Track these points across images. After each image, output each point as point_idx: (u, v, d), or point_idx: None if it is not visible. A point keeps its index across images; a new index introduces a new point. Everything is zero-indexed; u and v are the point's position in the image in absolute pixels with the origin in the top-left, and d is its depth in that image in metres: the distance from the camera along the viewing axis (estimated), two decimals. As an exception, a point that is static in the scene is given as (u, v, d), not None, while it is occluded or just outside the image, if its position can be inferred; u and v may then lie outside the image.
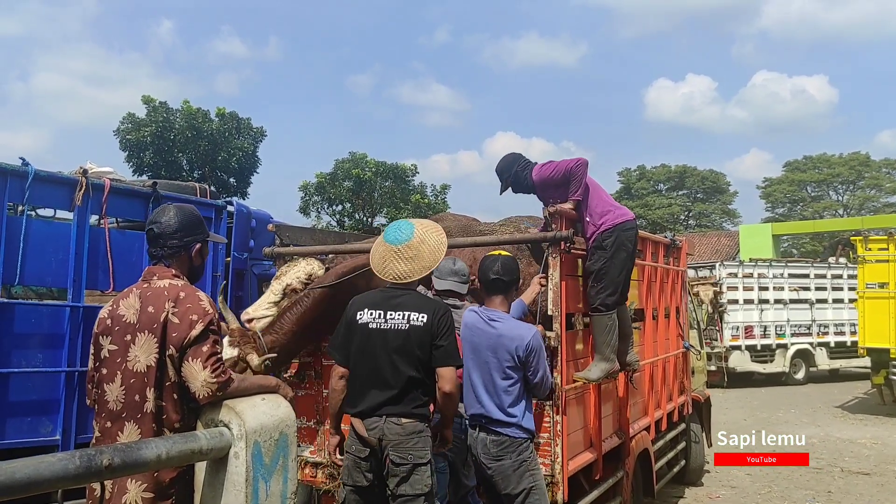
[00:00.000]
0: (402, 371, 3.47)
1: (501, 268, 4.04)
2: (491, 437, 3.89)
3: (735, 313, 18.32)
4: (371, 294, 3.74)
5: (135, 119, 28.26)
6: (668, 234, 7.66)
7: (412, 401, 3.48)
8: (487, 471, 3.91)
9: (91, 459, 2.10)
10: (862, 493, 8.27)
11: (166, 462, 2.34)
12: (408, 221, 3.78)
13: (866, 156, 52.72)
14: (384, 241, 3.66)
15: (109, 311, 2.79)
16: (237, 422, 2.54)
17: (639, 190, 54.54)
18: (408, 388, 3.47)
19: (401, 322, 3.52)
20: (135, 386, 2.63)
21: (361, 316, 3.58)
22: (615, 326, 4.83)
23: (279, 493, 2.61)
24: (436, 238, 3.73)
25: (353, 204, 32.36)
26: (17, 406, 4.80)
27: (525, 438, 3.91)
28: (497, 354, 3.89)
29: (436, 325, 3.51)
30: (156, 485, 2.56)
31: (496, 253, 4.24)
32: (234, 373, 2.70)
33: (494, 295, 4.06)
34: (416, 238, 3.62)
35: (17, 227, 4.82)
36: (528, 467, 3.90)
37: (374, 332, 3.54)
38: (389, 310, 3.55)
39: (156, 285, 2.74)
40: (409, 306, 3.54)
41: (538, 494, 3.91)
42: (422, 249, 3.61)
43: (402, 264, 3.58)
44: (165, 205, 3.01)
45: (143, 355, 2.64)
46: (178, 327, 2.63)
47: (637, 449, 5.89)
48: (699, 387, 9.12)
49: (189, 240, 2.87)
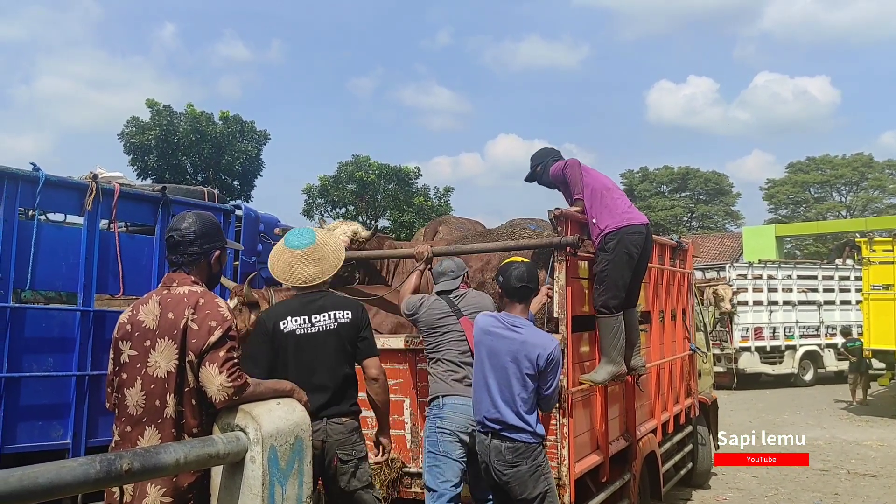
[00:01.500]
0: (337, 370, 3.61)
1: (527, 275, 4.03)
2: (506, 444, 3.88)
3: (745, 315, 18.38)
4: (287, 302, 3.84)
5: (139, 122, 28.32)
6: (675, 237, 7.68)
7: (348, 399, 3.64)
8: (503, 477, 3.89)
9: (111, 464, 2.13)
10: (869, 494, 8.28)
11: (184, 466, 2.36)
12: (307, 228, 3.93)
13: (869, 157, 52.75)
14: (287, 248, 3.74)
15: (129, 316, 2.82)
16: (253, 426, 2.57)
17: (641, 192, 54.52)
18: (344, 387, 3.61)
19: (329, 322, 3.64)
20: (155, 391, 2.66)
21: (285, 325, 3.62)
22: (621, 329, 4.85)
23: (295, 496, 2.64)
24: (335, 241, 3.95)
25: (356, 207, 32.35)
26: (28, 410, 4.81)
27: (538, 443, 3.92)
28: (517, 361, 3.87)
29: (360, 320, 3.70)
30: (174, 490, 2.59)
31: (517, 259, 4.24)
32: (249, 378, 2.72)
33: (517, 302, 4.05)
34: (319, 241, 3.77)
35: (28, 232, 4.84)
36: (542, 472, 3.92)
37: (304, 338, 3.61)
38: (313, 313, 3.65)
39: (175, 292, 2.77)
40: (332, 306, 3.68)
41: (552, 497, 3.95)
42: (326, 251, 3.76)
43: (310, 266, 3.70)
44: (184, 212, 3.03)
45: (164, 361, 2.67)
46: (198, 333, 2.66)
47: (644, 451, 5.90)
48: (706, 389, 9.13)
49: (209, 247, 2.90)
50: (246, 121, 30.41)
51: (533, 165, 5.47)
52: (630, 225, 4.91)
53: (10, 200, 4.75)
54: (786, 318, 19.05)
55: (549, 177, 5.36)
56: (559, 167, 5.24)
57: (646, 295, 6.14)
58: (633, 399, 5.69)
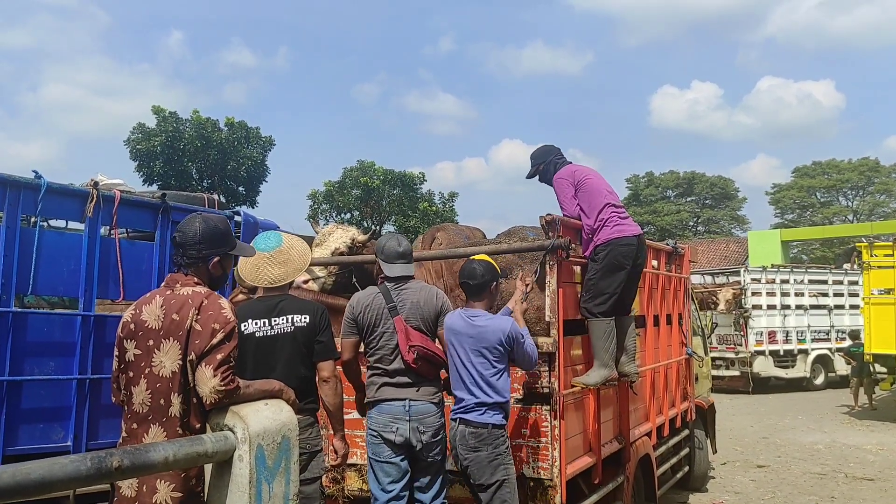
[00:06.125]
0: (293, 372, 3.73)
1: (479, 270, 4.32)
2: (470, 429, 4.11)
3: (759, 318, 18.42)
4: (250, 304, 3.99)
5: (145, 129, 28.54)
6: (670, 242, 7.74)
7: (304, 397, 3.70)
8: (464, 462, 4.12)
9: (102, 461, 2.19)
10: (865, 497, 8.30)
11: (173, 464, 2.44)
12: (275, 232, 4.07)
13: (876, 161, 52.54)
14: (255, 249, 3.84)
15: (132, 315, 2.89)
16: (241, 426, 2.64)
17: (647, 196, 54.51)
18: (300, 387, 3.65)
19: (286, 326, 3.80)
20: (160, 390, 2.76)
21: (246, 327, 3.79)
22: (612, 333, 4.92)
23: (282, 494, 2.71)
24: (302, 245, 4.10)
25: (361, 212, 32.47)
26: (29, 413, 4.89)
27: (501, 433, 4.14)
28: (480, 348, 4.14)
29: (317, 324, 3.84)
30: (184, 485, 2.70)
31: (476, 258, 4.46)
32: (240, 380, 2.81)
33: (476, 298, 4.32)
34: (286, 244, 3.94)
35: (30, 238, 4.92)
36: (503, 461, 4.11)
37: (263, 341, 3.79)
38: (273, 316, 3.82)
39: (179, 292, 2.85)
40: (291, 310, 3.85)
41: (509, 487, 4.11)
42: (291, 254, 3.93)
43: (276, 269, 3.87)
44: (194, 214, 3.10)
45: (169, 361, 2.76)
46: (201, 335, 2.74)
47: (638, 454, 5.95)
48: (703, 393, 9.18)
49: (208, 252, 2.97)
50: (251, 127, 30.67)
51: (534, 164, 5.50)
52: (621, 237, 4.98)
53: (13, 207, 4.84)
54: (798, 322, 19.10)
55: (550, 178, 5.40)
56: (555, 177, 5.30)
57: (640, 299, 6.20)
58: (626, 402, 5.75)
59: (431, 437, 4.15)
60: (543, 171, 5.44)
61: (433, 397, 4.23)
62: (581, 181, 5.17)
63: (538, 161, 5.48)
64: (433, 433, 4.16)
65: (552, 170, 5.37)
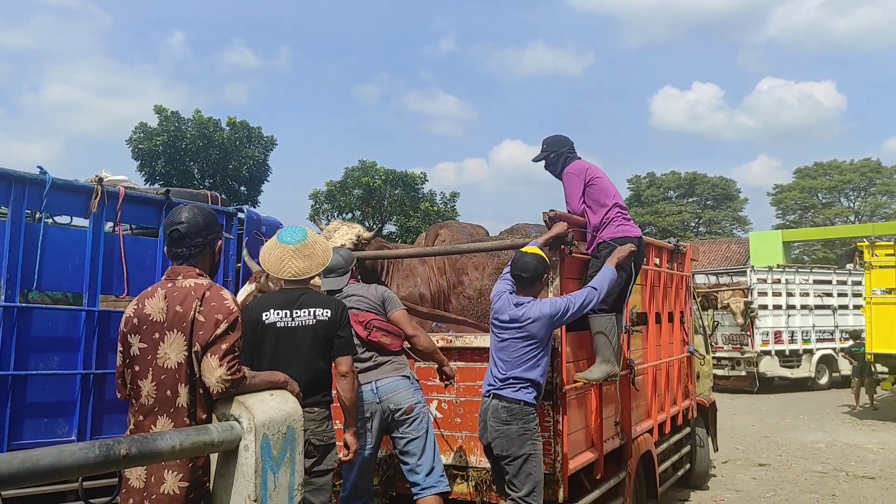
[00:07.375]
0: (311, 364, 3.81)
1: (531, 264, 4.44)
2: (503, 403, 4.28)
3: (765, 318, 18.48)
4: (273, 295, 4.06)
5: (147, 129, 28.58)
6: (673, 240, 7.76)
7: (321, 390, 3.86)
8: (494, 433, 4.27)
9: (110, 449, 2.22)
10: (866, 496, 8.31)
11: (180, 453, 2.46)
12: (299, 226, 4.11)
13: (877, 162, 52.56)
14: (280, 242, 3.94)
15: (135, 309, 2.91)
16: (247, 416, 2.66)
17: (649, 197, 54.50)
18: (317, 380, 3.81)
19: (308, 318, 3.85)
20: (166, 382, 2.78)
21: (268, 317, 3.86)
22: (615, 328, 4.96)
23: (287, 484, 2.73)
24: (323, 241, 4.20)
25: (362, 212, 32.49)
26: (34, 407, 4.92)
27: (532, 410, 4.31)
28: (523, 333, 4.32)
29: (338, 319, 3.91)
30: (191, 474, 2.72)
31: (528, 250, 4.55)
32: (246, 369, 2.83)
33: (523, 288, 4.47)
34: (310, 239, 3.97)
35: (35, 234, 4.94)
36: (531, 437, 4.27)
37: (284, 331, 3.85)
38: (295, 308, 3.87)
39: (181, 284, 2.87)
40: (313, 304, 3.90)
41: (535, 462, 4.27)
42: (316, 248, 3.97)
43: (300, 262, 3.90)
44: (181, 206, 3.11)
45: (174, 353, 2.78)
46: (204, 325, 2.76)
47: (640, 450, 5.97)
48: (705, 391, 9.19)
49: (213, 237, 3.01)
50: (253, 127, 30.68)
51: (545, 150, 5.45)
52: (624, 237, 5.03)
53: (18, 203, 4.86)
54: (803, 322, 19.14)
55: (559, 170, 5.40)
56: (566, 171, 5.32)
57: (642, 297, 6.22)
58: (628, 399, 5.77)
59: (404, 413, 4.40)
60: (553, 161, 5.41)
61: (401, 370, 4.48)
62: (592, 179, 5.22)
63: (550, 149, 5.43)
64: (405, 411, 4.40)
65: (562, 162, 5.36)
